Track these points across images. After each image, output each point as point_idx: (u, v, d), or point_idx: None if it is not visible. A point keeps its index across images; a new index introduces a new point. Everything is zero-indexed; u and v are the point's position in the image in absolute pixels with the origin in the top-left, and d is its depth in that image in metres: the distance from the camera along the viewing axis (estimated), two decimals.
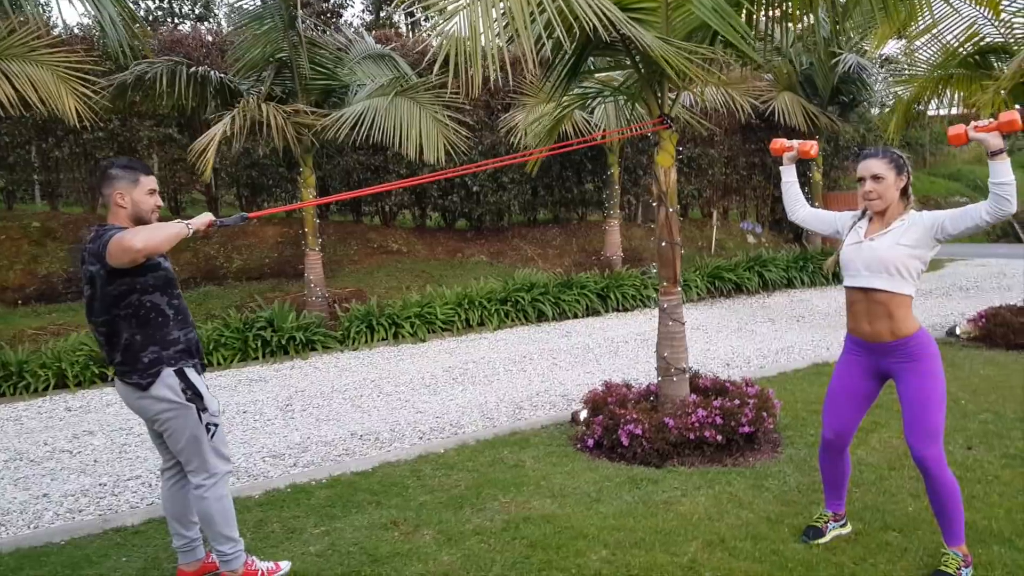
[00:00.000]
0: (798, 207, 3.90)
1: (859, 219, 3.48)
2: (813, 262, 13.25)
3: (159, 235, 2.95)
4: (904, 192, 3.32)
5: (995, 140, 2.97)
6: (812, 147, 3.87)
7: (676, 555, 3.47)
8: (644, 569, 3.35)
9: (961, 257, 15.82)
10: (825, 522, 3.63)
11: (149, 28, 12.57)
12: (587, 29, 4.13)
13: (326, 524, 4.00)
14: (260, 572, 3.38)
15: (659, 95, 5.18)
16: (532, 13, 4.01)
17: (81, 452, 5.59)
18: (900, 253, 3.19)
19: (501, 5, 4.04)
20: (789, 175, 3.96)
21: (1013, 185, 2.97)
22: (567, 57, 5.09)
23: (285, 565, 3.48)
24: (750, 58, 5.59)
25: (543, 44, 4.44)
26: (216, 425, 3.30)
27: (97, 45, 10.46)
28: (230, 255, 11.32)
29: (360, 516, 4.09)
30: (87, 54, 8.18)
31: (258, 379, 7.77)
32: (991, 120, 3.02)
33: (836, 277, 13.28)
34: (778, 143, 3.95)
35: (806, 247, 14.71)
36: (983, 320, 7.79)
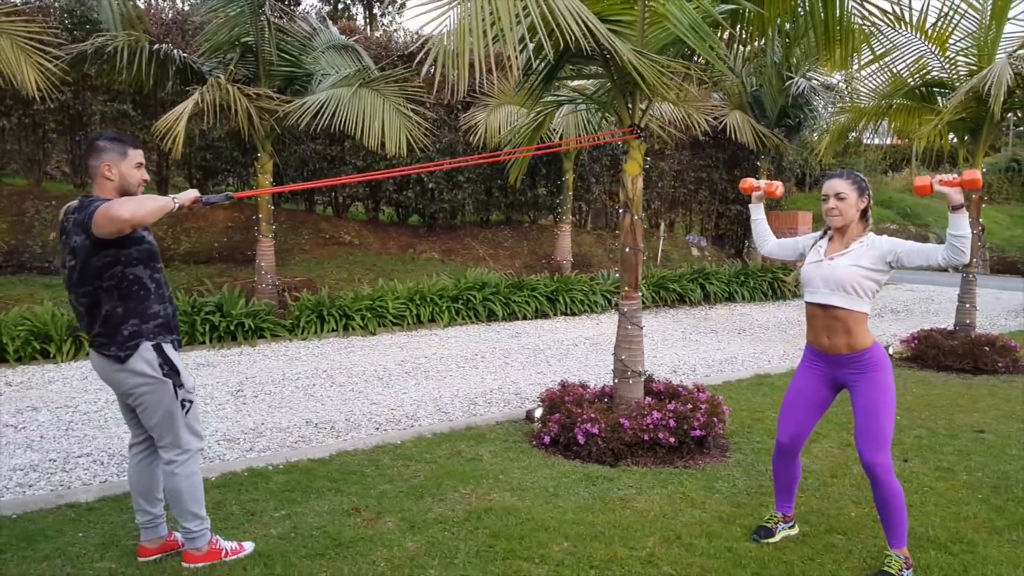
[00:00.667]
0: (766, 241, 4.07)
1: (820, 238, 3.67)
2: (753, 278, 13.66)
3: (146, 207, 2.95)
4: (864, 214, 3.52)
5: (957, 196, 3.18)
6: (778, 187, 4.07)
7: (635, 549, 3.59)
8: (605, 561, 3.46)
9: (892, 282, 16.51)
10: (775, 523, 3.80)
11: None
12: (567, 38, 4.24)
13: (286, 508, 4.01)
14: (224, 551, 3.39)
15: (630, 105, 5.33)
16: (517, 16, 4.11)
17: (26, 427, 5.44)
18: (856, 274, 3.38)
19: (488, 7, 4.12)
20: (757, 213, 4.13)
21: (968, 239, 3.18)
22: (545, 63, 5.20)
23: (248, 546, 3.49)
24: (709, 76, 5.82)
25: (522, 48, 4.55)
26: (191, 402, 3.30)
27: (54, 14, 10.16)
28: (178, 237, 11.09)
29: (320, 502, 4.11)
30: (43, 24, 7.93)
31: (205, 363, 7.66)
32: (955, 176, 3.23)
33: (775, 292, 13.76)
34: (747, 182, 4.15)
35: (747, 263, 15.15)
36: (915, 341, 8.18)
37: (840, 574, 3.41)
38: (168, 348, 3.22)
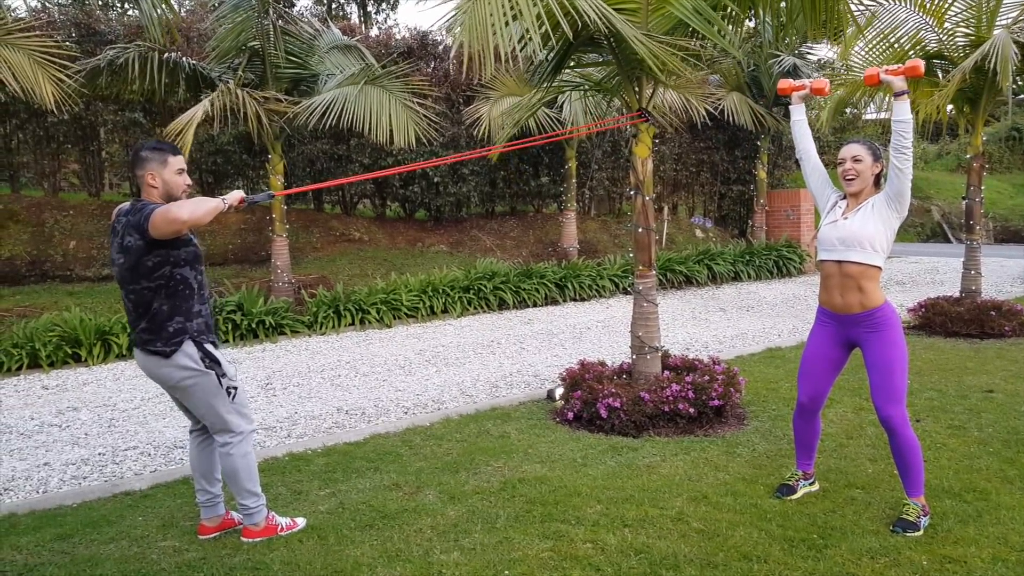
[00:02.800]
0: (810, 145, 4.02)
1: (840, 199, 3.84)
2: (759, 256, 13.84)
3: (202, 208, 3.16)
4: (877, 179, 3.72)
5: (900, 83, 3.56)
6: (825, 84, 3.97)
7: (664, 508, 3.79)
8: (638, 520, 3.66)
9: (896, 255, 16.70)
10: (796, 480, 4.00)
11: (100, 13, 12.40)
12: (580, 22, 4.42)
13: (331, 487, 4.21)
14: (280, 527, 3.60)
15: (637, 90, 5.50)
16: (534, 4, 4.29)
17: (70, 426, 5.66)
18: (870, 229, 3.58)
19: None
20: (799, 114, 4.07)
21: (909, 123, 3.51)
22: (555, 51, 5.37)
23: (301, 521, 3.70)
24: (707, 57, 5.98)
25: (528, 39, 4.72)
26: (236, 388, 3.51)
27: (63, 28, 10.35)
28: None
29: (362, 480, 4.31)
30: (52, 38, 8.11)
31: (231, 360, 7.76)
32: (900, 65, 3.62)
33: (780, 270, 13.94)
34: (786, 82, 4.06)
35: (751, 242, 15.32)
36: (923, 309, 8.36)
37: (861, 523, 3.60)
38: (208, 346, 3.43)
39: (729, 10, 5.46)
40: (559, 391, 5.84)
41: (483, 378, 6.91)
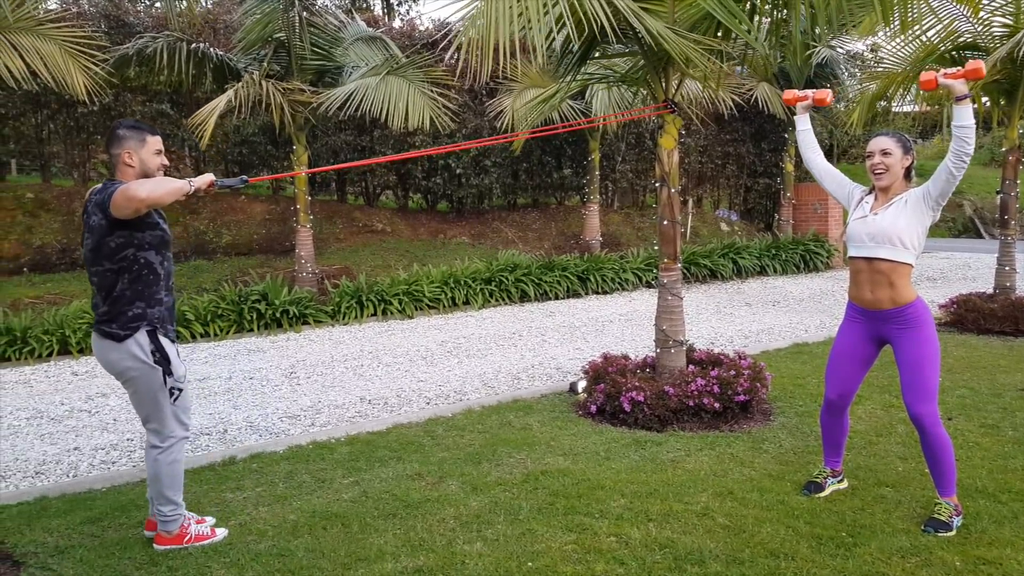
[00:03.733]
0: (816, 155, 4.03)
1: (866, 195, 3.77)
2: (785, 251, 13.69)
3: (162, 187, 3.09)
4: (908, 173, 3.63)
5: (961, 86, 3.36)
6: (827, 95, 3.98)
7: (689, 503, 3.76)
8: (662, 515, 3.63)
9: (927, 251, 16.44)
10: (824, 478, 3.94)
11: (128, 4, 12.49)
12: (598, 20, 4.37)
13: (354, 475, 4.22)
14: (189, 536, 3.42)
15: (664, 81, 5.44)
16: (545, 4, 4.25)
17: (99, 412, 5.73)
18: (901, 225, 3.50)
19: None
20: (803, 123, 4.10)
21: (972, 128, 3.33)
22: (582, 44, 5.32)
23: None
24: (735, 50, 5.90)
25: (559, 28, 4.69)
26: (180, 390, 3.39)
27: (92, 20, 10.45)
28: (219, 230, 11.37)
29: (385, 469, 4.31)
30: (83, 29, 8.18)
31: (256, 349, 7.92)
32: (959, 68, 3.40)
33: (807, 265, 13.79)
34: (791, 93, 4.08)
35: (777, 236, 15.16)
36: (955, 306, 8.22)
37: (891, 522, 3.54)
38: (163, 338, 3.33)
39: (755, 2, 5.39)
40: (582, 384, 5.81)
41: (505, 370, 6.90)
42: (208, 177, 3.31)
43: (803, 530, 3.45)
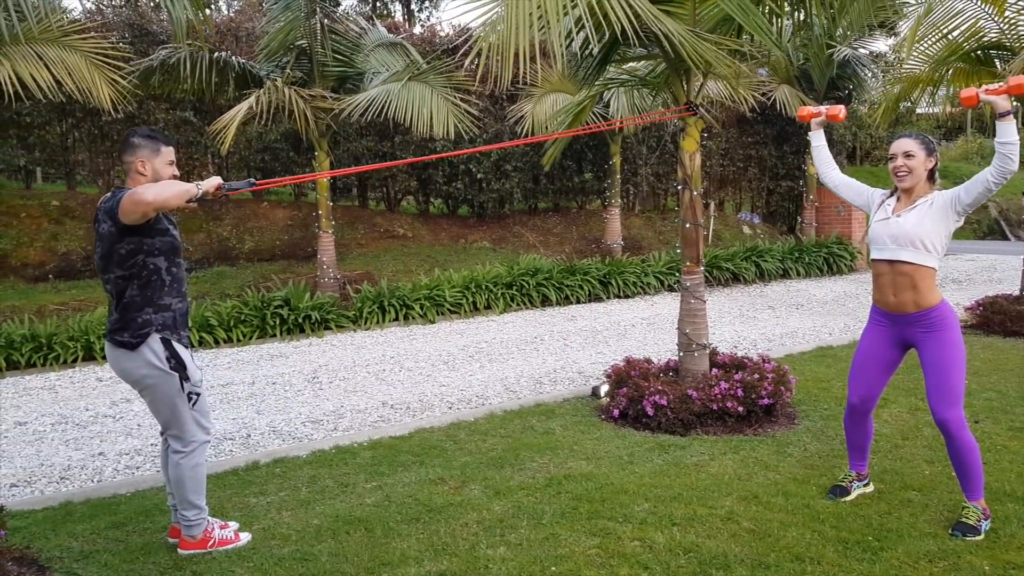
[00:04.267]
0: (831, 170, 4.03)
1: (888, 197, 3.73)
2: (808, 253, 13.57)
3: (169, 190, 3.10)
4: (931, 175, 3.58)
5: (1004, 102, 3.28)
6: (840, 111, 3.99)
7: (714, 508, 3.73)
8: (686, 519, 3.60)
9: (952, 253, 16.22)
10: (850, 481, 3.89)
11: (152, 14, 12.64)
12: (620, 23, 4.36)
13: (376, 480, 4.23)
14: (212, 540, 3.44)
15: (685, 83, 5.42)
16: (565, 6, 4.24)
17: (123, 417, 5.79)
18: (925, 228, 3.45)
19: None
20: (818, 139, 4.11)
21: (1017, 145, 3.25)
22: (602, 47, 5.32)
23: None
24: (757, 51, 5.88)
25: (579, 29, 4.68)
26: (198, 395, 3.40)
27: (117, 29, 10.59)
28: (242, 236, 11.47)
29: (407, 473, 4.32)
30: (110, 39, 8.29)
31: (279, 354, 7.97)
32: (1001, 84, 3.31)
33: (830, 268, 13.66)
34: (805, 110, 4.11)
35: (800, 239, 15.03)
36: (980, 308, 8.11)
37: (918, 526, 3.49)
38: (176, 344, 3.33)
39: (776, 3, 5.36)
40: (604, 388, 5.79)
41: (527, 374, 6.89)
42: (215, 180, 3.31)
43: (829, 534, 3.41)
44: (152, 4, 15.24)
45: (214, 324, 8.44)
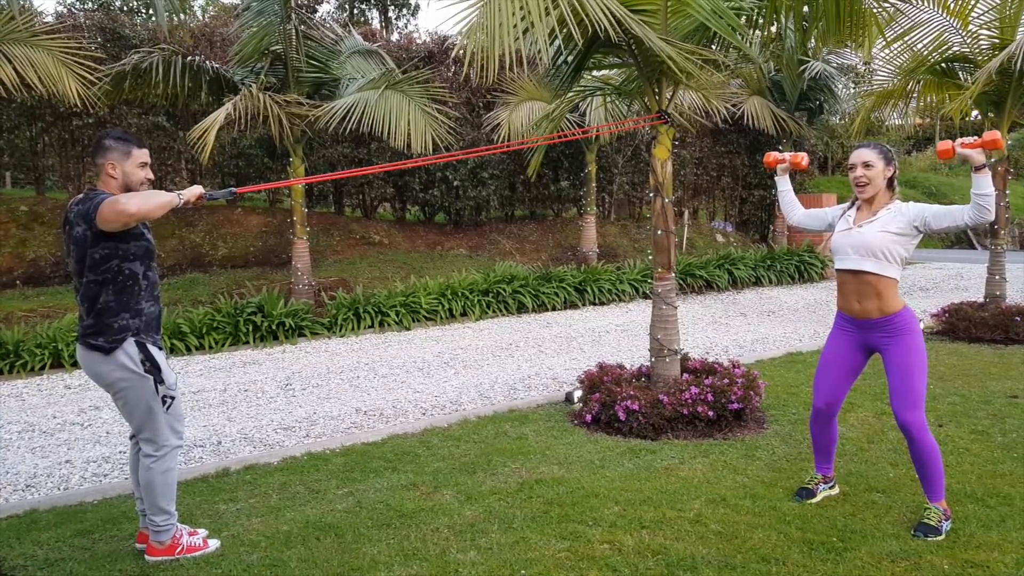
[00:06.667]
0: (795, 211, 4.19)
1: (848, 208, 3.81)
2: (780, 261, 13.74)
3: (152, 201, 3.09)
4: (890, 183, 3.66)
5: (979, 156, 3.33)
6: (803, 158, 4.18)
7: (682, 511, 3.77)
8: (655, 522, 3.64)
9: (920, 261, 16.51)
10: (816, 484, 3.96)
11: (124, 18, 12.57)
12: (596, 27, 4.42)
13: (348, 486, 4.23)
14: (181, 548, 3.41)
15: (657, 91, 5.49)
16: (547, 8, 4.29)
17: (92, 424, 5.73)
18: (886, 239, 3.52)
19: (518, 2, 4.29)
20: (784, 184, 4.27)
21: (993, 196, 3.31)
22: (575, 54, 5.37)
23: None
24: (730, 61, 5.97)
25: (552, 40, 4.72)
26: (172, 398, 3.38)
27: (87, 31, 10.50)
28: (215, 243, 11.40)
29: (379, 479, 4.32)
30: (77, 41, 8.22)
31: (251, 361, 7.92)
32: (976, 138, 3.38)
33: (801, 275, 13.83)
34: (771, 156, 4.28)
35: (772, 247, 15.22)
36: (946, 315, 8.26)
37: (881, 527, 3.56)
38: (151, 347, 3.31)
39: (750, 15, 5.46)
40: (577, 394, 5.83)
41: (501, 380, 6.91)
42: (197, 189, 3.31)
43: (794, 535, 3.47)
44: (126, 8, 15.14)
45: (186, 331, 8.37)
